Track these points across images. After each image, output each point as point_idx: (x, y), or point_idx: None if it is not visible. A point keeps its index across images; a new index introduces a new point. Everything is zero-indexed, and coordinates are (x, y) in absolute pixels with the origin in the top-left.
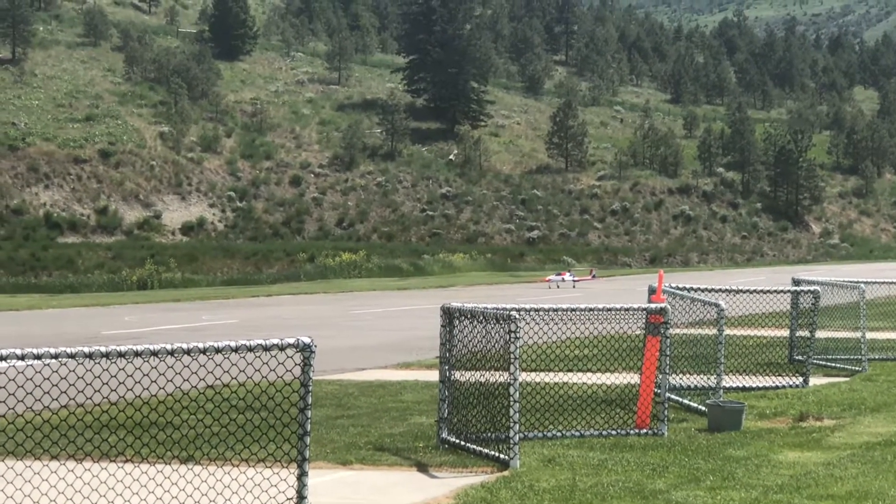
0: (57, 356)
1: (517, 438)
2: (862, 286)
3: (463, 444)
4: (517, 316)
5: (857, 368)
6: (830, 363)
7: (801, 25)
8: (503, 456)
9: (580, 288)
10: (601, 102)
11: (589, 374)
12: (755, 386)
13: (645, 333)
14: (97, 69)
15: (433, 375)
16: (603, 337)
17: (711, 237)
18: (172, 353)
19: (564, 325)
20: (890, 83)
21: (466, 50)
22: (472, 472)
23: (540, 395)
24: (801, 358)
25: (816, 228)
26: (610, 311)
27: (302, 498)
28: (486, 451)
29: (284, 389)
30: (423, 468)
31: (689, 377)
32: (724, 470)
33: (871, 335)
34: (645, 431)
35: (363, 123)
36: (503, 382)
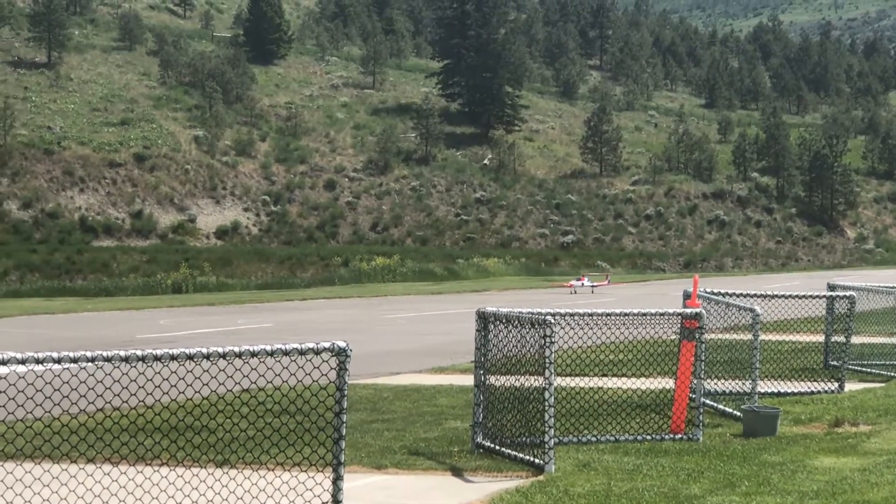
0: (93, 360)
1: (552, 443)
2: None
3: (498, 448)
4: (552, 321)
5: (892, 374)
6: (866, 368)
7: (836, 30)
8: (538, 460)
9: (604, 293)
10: (636, 107)
11: (624, 378)
12: (790, 391)
13: (680, 338)
14: (132, 73)
15: (468, 380)
16: (638, 342)
17: (746, 242)
18: (208, 356)
19: (599, 329)
20: None
21: (501, 54)
22: (506, 476)
23: (575, 399)
24: (836, 363)
25: (851, 233)
26: (645, 315)
27: (337, 502)
28: (520, 455)
29: (319, 393)
30: (457, 472)
31: (724, 382)
32: (759, 475)
33: None
34: (680, 436)
35: (397, 128)
36: (538, 387)
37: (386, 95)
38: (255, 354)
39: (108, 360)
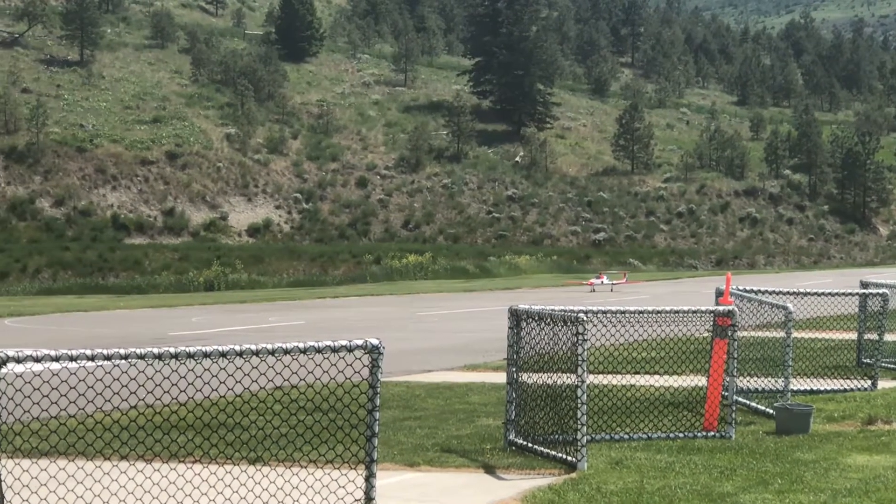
0: (127, 357)
1: (585, 440)
2: None
3: (530, 445)
4: (585, 318)
5: None
6: None
7: (868, 27)
8: (570, 458)
9: (626, 290)
10: (667, 104)
11: (656, 376)
12: (823, 389)
13: (712, 336)
14: (164, 71)
15: (500, 377)
16: (670, 339)
17: (778, 239)
18: (241, 354)
19: (632, 327)
20: None
21: (532, 52)
22: (539, 474)
23: (607, 397)
24: (869, 361)
25: (884, 231)
26: (677, 313)
27: (370, 499)
28: (553, 453)
29: (352, 391)
30: (490, 470)
31: (756, 380)
32: (792, 473)
33: None
34: (712, 434)
35: (429, 125)
36: (571, 384)
37: (417, 93)
38: (287, 352)
39: (141, 357)
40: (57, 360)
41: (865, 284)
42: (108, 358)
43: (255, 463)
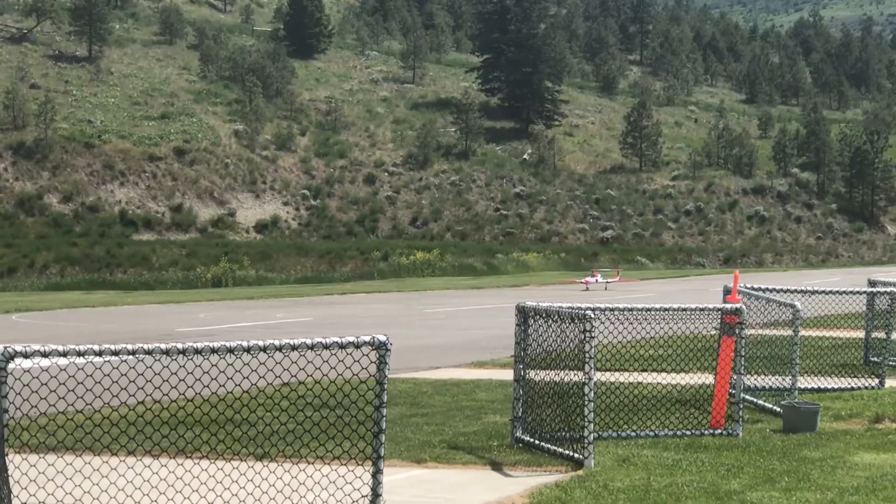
0: (134, 353)
1: (592, 438)
2: None
3: (537, 443)
4: (593, 315)
5: None
6: None
7: (877, 25)
8: (577, 455)
9: (618, 289)
10: (675, 102)
11: (663, 374)
12: (830, 387)
13: (720, 334)
14: (173, 67)
15: (507, 374)
16: (678, 337)
17: (786, 238)
18: (248, 350)
19: (639, 324)
20: None
21: (541, 49)
22: (546, 471)
23: (614, 394)
24: (876, 359)
25: (892, 229)
26: (685, 311)
27: (377, 496)
28: (560, 450)
29: (359, 387)
30: (497, 467)
31: (763, 378)
32: (799, 471)
33: None
34: (719, 432)
35: (437, 122)
36: (578, 382)
37: (426, 90)
38: (295, 348)
39: (149, 353)
40: (64, 355)
41: (873, 283)
42: (115, 353)
43: (262, 459)
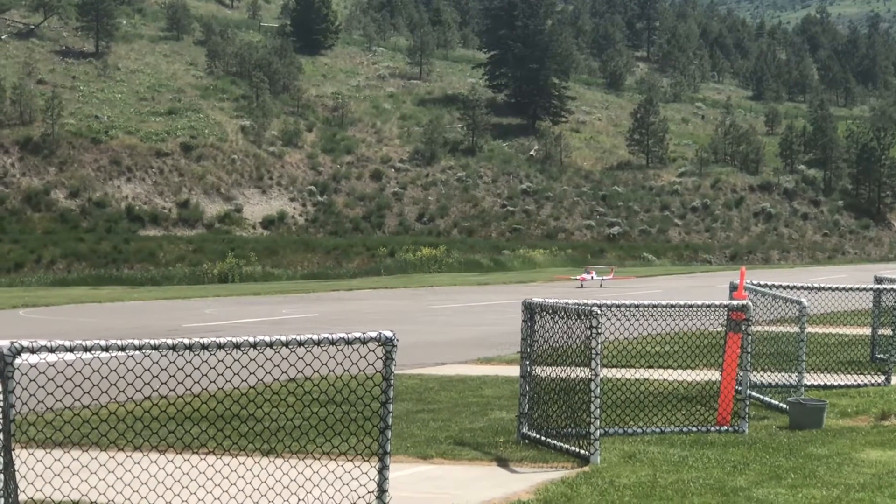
0: (141, 348)
1: (598, 434)
2: None
3: (543, 439)
4: (599, 311)
5: None
6: None
7: (884, 22)
8: (583, 451)
9: (615, 286)
10: (682, 99)
11: (670, 370)
12: (837, 384)
13: (726, 330)
14: (179, 63)
15: (513, 371)
16: (684, 333)
17: (792, 234)
18: (255, 346)
19: (645, 321)
20: None
21: (548, 46)
22: (552, 467)
23: (620, 391)
24: (882, 356)
25: None
26: (691, 307)
27: (383, 491)
28: (566, 446)
29: (366, 383)
30: (503, 463)
31: (770, 374)
32: (805, 468)
33: None
34: (726, 428)
35: (444, 118)
36: (584, 378)
37: (433, 86)
38: (301, 344)
39: (155, 348)
40: (71, 350)
41: (880, 280)
42: (122, 349)
43: (268, 455)
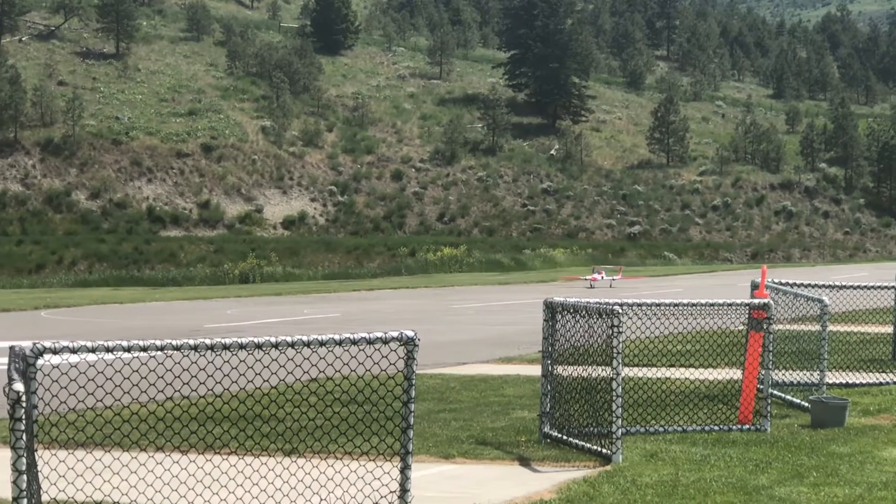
0: (162, 348)
1: (620, 433)
2: None
3: (565, 438)
4: (620, 310)
5: None
6: None
7: None
8: (605, 450)
9: (624, 286)
10: (703, 97)
11: (691, 369)
12: (859, 382)
13: (748, 329)
14: (200, 64)
15: (535, 370)
16: (705, 332)
17: (813, 233)
18: (277, 346)
19: (667, 319)
20: None
21: (568, 45)
22: (574, 466)
23: (642, 390)
24: None
25: None
26: (713, 306)
27: (405, 491)
28: (588, 445)
29: (387, 383)
30: (525, 462)
31: (791, 373)
32: (827, 466)
33: None
34: (747, 427)
35: (464, 118)
36: (606, 377)
37: (453, 86)
38: (323, 344)
39: (177, 348)
40: (93, 351)
41: None
42: (144, 349)
43: (290, 455)
